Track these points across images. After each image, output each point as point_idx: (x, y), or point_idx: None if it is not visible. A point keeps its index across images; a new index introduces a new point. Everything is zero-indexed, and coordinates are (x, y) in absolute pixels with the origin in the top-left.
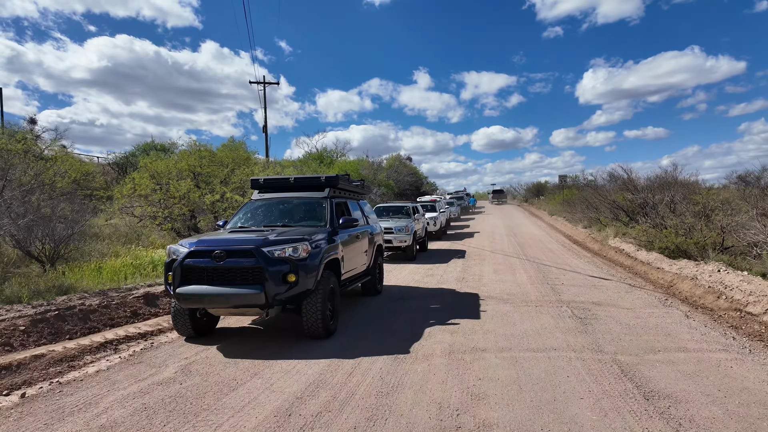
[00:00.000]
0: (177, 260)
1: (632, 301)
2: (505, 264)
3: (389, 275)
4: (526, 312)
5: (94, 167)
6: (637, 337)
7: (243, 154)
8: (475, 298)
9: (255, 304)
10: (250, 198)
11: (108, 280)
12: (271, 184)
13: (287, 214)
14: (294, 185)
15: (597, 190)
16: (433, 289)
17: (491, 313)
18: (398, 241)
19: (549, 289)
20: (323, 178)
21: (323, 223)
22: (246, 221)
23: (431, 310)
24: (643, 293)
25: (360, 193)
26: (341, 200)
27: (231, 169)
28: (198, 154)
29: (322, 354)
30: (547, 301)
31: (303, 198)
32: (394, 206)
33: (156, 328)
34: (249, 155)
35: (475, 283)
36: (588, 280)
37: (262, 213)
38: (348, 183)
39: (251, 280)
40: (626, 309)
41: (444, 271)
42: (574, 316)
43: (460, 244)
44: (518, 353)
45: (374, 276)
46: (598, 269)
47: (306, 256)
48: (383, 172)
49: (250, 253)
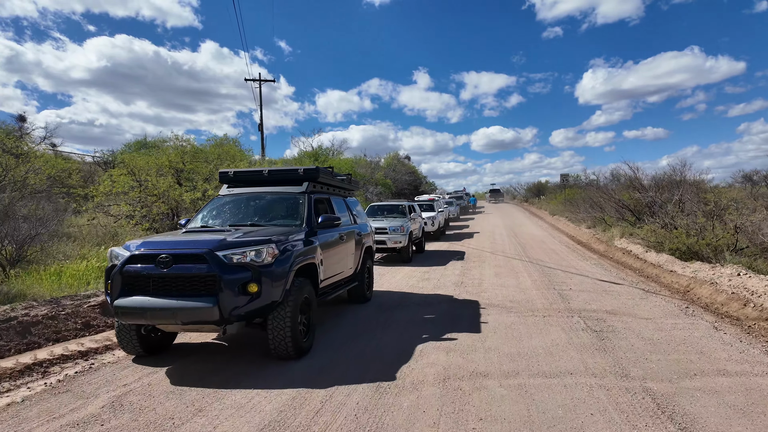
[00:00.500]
0: (116, 266)
1: (650, 309)
2: (506, 267)
3: (382, 279)
4: (532, 323)
5: (73, 164)
6: (665, 356)
7: (230, 151)
8: (475, 307)
9: (207, 321)
10: (217, 194)
11: (67, 286)
12: (242, 177)
13: (258, 212)
14: (268, 179)
15: (602, 189)
16: (428, 296)
17: (493, 326)
18: (393, 242)
19: (556, 296)
20: (301, 170)
21: (299, 221)
22: (210, 220)
23: (425, 322)
24: (659, 300)
25: (347, 188)
26: (323, 196)
27: (215, 165)
28: (180, 150)
29: (290, 381)
30: (556, 310)
31: (277, 193)
32: (388, 205)
33: (103, 344)
34: (239, 152)
35: (474, 288)
36: (598, 285)
37: (230, 210)
38: (331, 177)
39: (203, 290)
40: (645, 319)
41: (441, 274)
42: (588, 328)
43: (459, 245)
44: (527, 379)
45: (362, 282)
46: (607, 272)
47: (271, 261)
48: (381, 171)
49: (202, 258)
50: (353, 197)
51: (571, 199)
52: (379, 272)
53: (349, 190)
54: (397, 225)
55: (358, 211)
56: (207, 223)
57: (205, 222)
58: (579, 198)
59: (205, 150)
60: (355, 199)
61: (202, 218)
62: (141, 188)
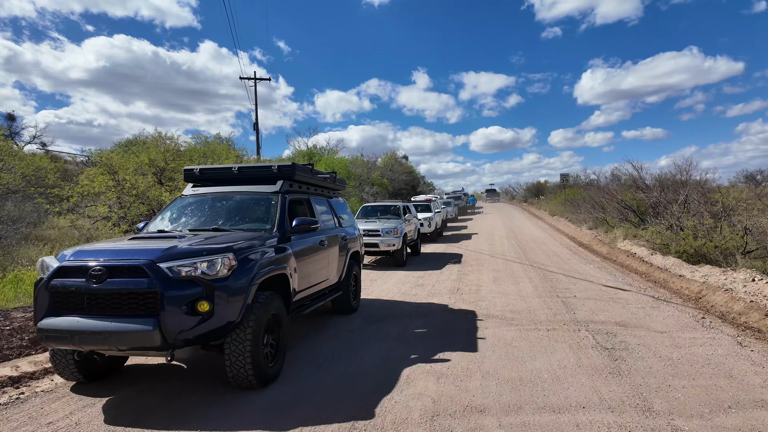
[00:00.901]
0: (42, 280)
1: (663, 320)
2: (506, 271)
3: (372, 285)
4: (536, 339)
5: (53, 164)
6: (690, 382)
7: (217, 149)
8: (472, 318)
9: (146, 346)
10: (181, 194)
11: (27, 295)
12: (209, 175)
13: (223, 215)
14: (239, 177)
15: (604, 189)
16: (421, 305)
17: (492, 342)
18: (386, 244)
19: (560, 305)
20: (275, 167)
21: (270, 225)
22: (168, 224)
23: (415, 338)
24: (672, 309)
25: (331, 188)
26: (301, 197)
27: (200, 164)
28: (162, 147)
29: (245, 421)
30: (560, 322)
31: (246, 193)
32: (382, 206)
33: (43, 366)
34: (226, 149)
35: (471, 296)
36: (603, 292)
37: (192, 213)
38: (311, 175)
39: (142, 310)
40: (659, 333)
41: (436, 279)
42: (598, 345)
43: (457, 247)
44: (532, 416)
45: (347, 291)
46: (612, 277)
47: (227, 273)
48: (377, 171)
49: (141, 271)
50: (339, 198)
51: (572, 200)
52: (370, 277)
53: (334, 189)
54: (391, 227)
55: (344, 212)
56: (165, 227)
57: (163, 226)
58: (579, 198)
59: (191, 148)
60: (342, 200)
61: (159, 222)
62: (119, 188)
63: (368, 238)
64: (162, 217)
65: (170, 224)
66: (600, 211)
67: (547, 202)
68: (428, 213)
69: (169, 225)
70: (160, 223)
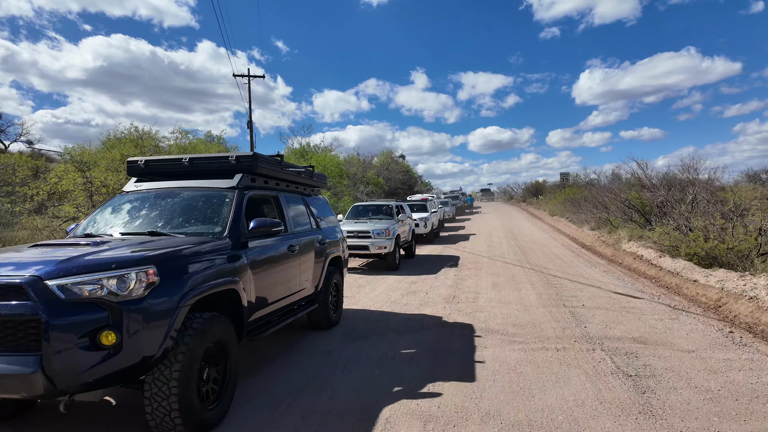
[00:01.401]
0: None
1: (687, 335)
2: (506, 275)
3: (360, 292)
4: (544, 362)
5: (22, 160)
6: (742, 427)
7: (199, 146)
8: (469, 335)
9: (26, 394)
10: (122, 190)
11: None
12: (156, 167)
13: (166, 215)
14: (190, 170)
15: (608, 188)
16: (411, 317)
17: (492, 368)
18: (377, 247)
19: (568, 316)
20: (233, 157)
21: (220, 228)
22: (100, 226)
23: (402, 361)
24: (693, 321)
25: (307, 185)
26: (266, 193)
27: None
28: (135, 142)
29: None
30: (571, 339)
31: (195, 189)
32: (373, 205)
33: None
34: (205, 145)
35: (469, 305)
36: (614, 300)
37: (129, 213)
38: (279, 168)
39: (22, 344)
40: (687, 352)
41: (431, 285)
42: (619, 371)
43: (454, 248)
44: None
45: (325, 303)
46: (621, 282)
47: (144, 293)
48: (373, 170)
49: (20, 291)
50: (319, 196)
51: (572, 199)
52: (358, 283)
53: (313, 186)
54: (382, 228)
55: (324, 212)
56: (94, 230)
57: (92, 229)
58: (580, 198)
59: (172, 145)
60: (323, 199)
61: (88, 223)
62: (90, 186)
63: (358, 240)
64: (93, 219)
65: (101, 226)
66: (603, 211)
67: (546, 202)
68: (424, 213)
69: (100, 227)
70: (90, 226)
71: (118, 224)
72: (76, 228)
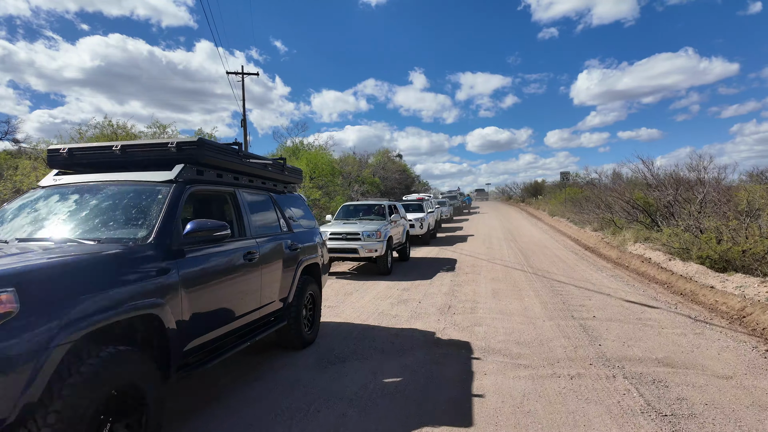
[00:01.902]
0: None
1: (718, 355)
2: (506, 281)
3: (345, 301)
4: (556, 397)
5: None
6: None
7: None
8: (465, 358)
9: None
10: (37, 183)
11: None
12: (82, 157)
13: (82, 216)
14: (123, 160)
15: (612, 187)
16: (400, 333)
17: (494, 406)
18: (367, 250)
19: (578, 330)
20: (173, 145)
21: (145, 232)
22: (2, 228)
23: (382, 398)
24: (721, 336)
25: (278, 180)
26: (221, 189)
27: None
28: (109, 137)
29: None
30: (585, 361)
31: (124, 184)
32: (364, 205)
33: None
34: None
35: (466, 317)
36: (627, 309)
37: (39, 213)
38: (237, 159)
39: None
40: (725, 379)
41: (424, 293)
42: (650, 407)
43: (451, 250)
44: None
45: (298, 319)
46: (631, 288)
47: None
48: (368, 168)
49: None
50: (294, 193)
51: (573, 199)
52: (345, 290)
53: (286, 182)
54: (373, 229)
55: (298, 212)
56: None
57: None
58: (581, 197)
59: None
60: (299, 197)
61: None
62: None
63: (346, 243)
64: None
65: (4, 226)
66: (607, 211)
67: (546, 202)
68: (420, 213)
69: (2, 231)
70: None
71: (20, 227)
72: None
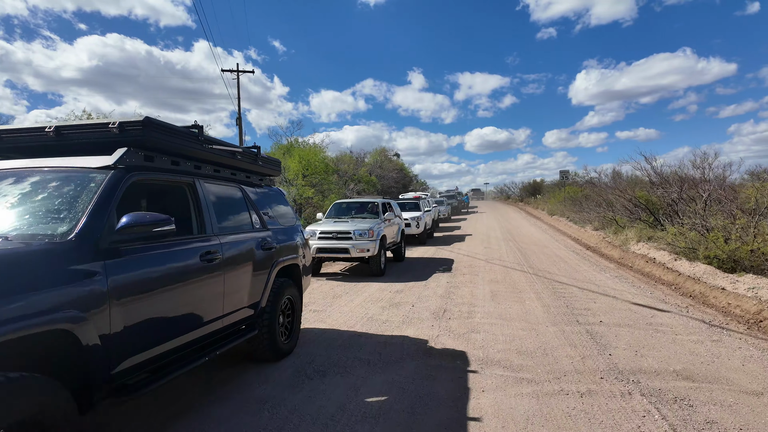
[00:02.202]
0: None
1: (742, 366)
2: (505, 282)
3: (333, 305)
4: (566, 420)
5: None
6: None
7: None
8: (460, 371)
9: None
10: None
11: None
12: (10, 141)
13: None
14: (58, 143)
15: (614, 186)
16: (389, 341)
17: (494, 430)
18: (358, 250)
19: (585, 337)
20: (115, 125)
21: (67, 227)
22: None
23: (362, 422)
24: (740, 343)
25: (251, 171)
26: (175, 179)
27: None
28: None
29: None
30: (595, 374)
31: (52, 171)
32: (357, 203)
33: None
34: None
35: (462, 322)
36: (635, 313)
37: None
38: (196, 144)
39: None
40: (754, 396)
41: (418, 295)
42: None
43: (448, 250)
44: None
45: (272, 327)
46: (637, 290)
47: None
48: (365, 167)
49: None
50: (272, 186)
51: (573, 198)
52: (334, 292)
53: (261, 174)
54: (365, 228)
55: (276, 207)
56: None
57: None
58: (581, 196)
59: None
60: (277, 190)
61: None
62: None
63: (337, 242)
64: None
65: None
66: (608, 210)
67: (545, 201)
68: (416, 212)
69: None
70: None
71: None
72: None
